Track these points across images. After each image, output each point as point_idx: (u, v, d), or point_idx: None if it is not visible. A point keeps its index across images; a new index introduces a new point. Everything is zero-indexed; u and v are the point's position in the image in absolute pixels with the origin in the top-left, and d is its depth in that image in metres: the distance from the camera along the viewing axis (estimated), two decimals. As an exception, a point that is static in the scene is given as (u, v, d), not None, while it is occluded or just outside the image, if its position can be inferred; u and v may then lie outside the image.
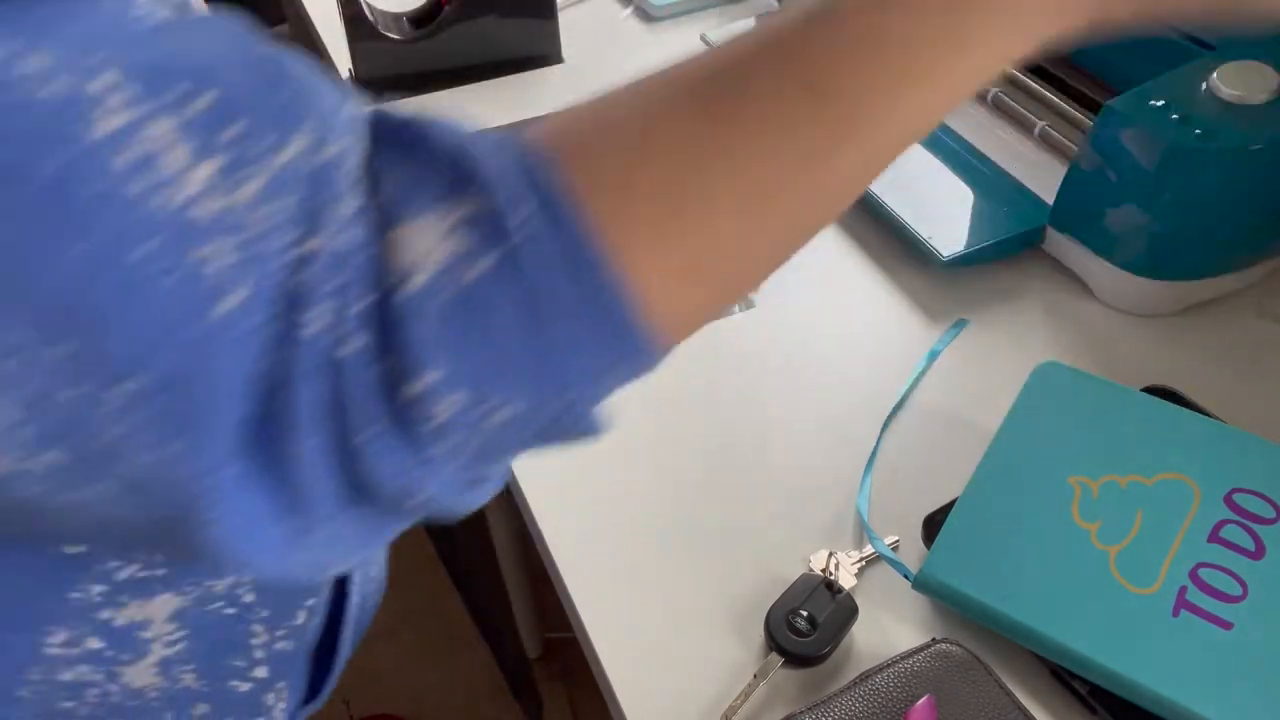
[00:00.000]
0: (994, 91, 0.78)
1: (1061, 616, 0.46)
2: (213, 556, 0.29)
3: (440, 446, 0.29)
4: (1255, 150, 0.57)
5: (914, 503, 0.54)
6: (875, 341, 0.65)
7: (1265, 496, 0.49)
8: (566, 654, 1.31)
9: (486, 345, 0.29)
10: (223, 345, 0.26)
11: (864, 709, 0.45)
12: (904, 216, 0.68)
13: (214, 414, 0.27)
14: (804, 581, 0.50)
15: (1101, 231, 0.63)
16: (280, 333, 0.27)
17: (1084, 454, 0.52)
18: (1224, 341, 0.63)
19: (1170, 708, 0.43)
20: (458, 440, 0.30)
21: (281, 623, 0.45)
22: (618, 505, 0.56)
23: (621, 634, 0.50)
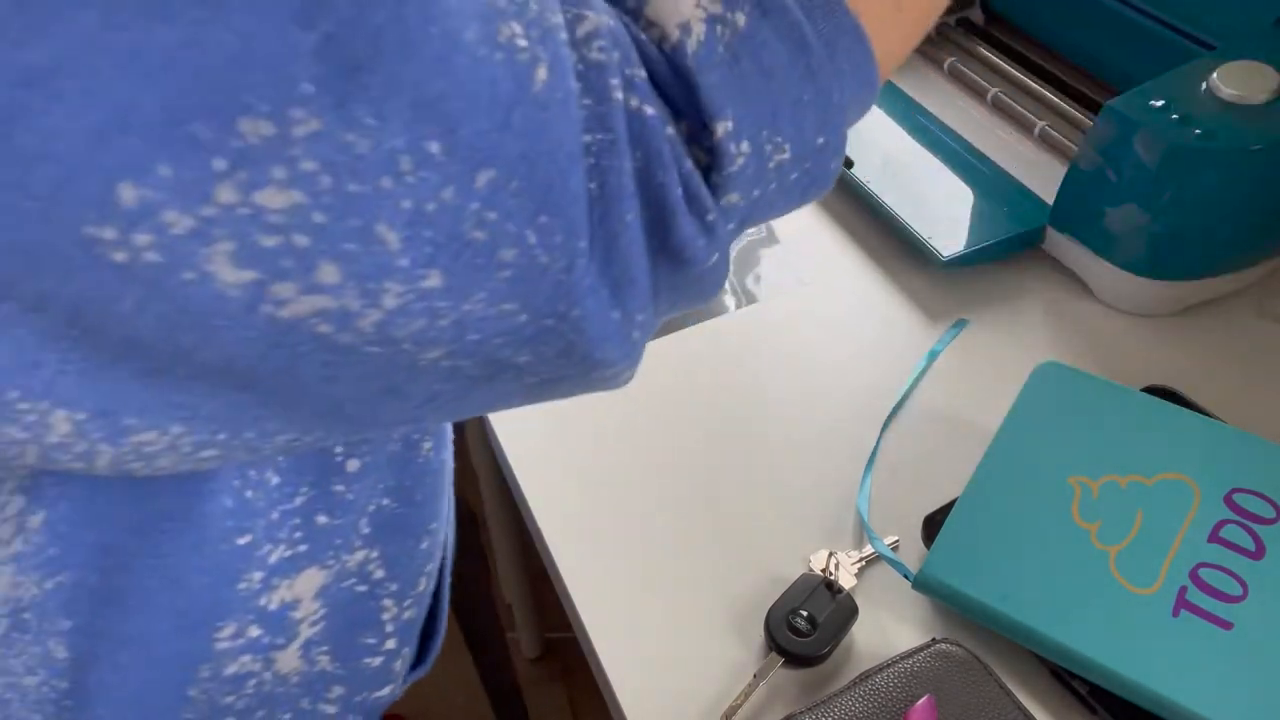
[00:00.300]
0: (994, 92, 0.78)
1: (1061, 616, 0.46)
2: (583, 353, 0.30)
3: (732, 197, 0.31)
4: (1255, 150, 0.57)
5: (914, 503, 0.54)
6: (875, 341, 0.65)
7: (1265, 496, 0.49)
8: (566, 654, 1.31)
9: (765, 88, 0.30)
10: (552, 116, 0.27)
11: (864, 709, 0.45)
12: (904, 216, 0.68)
13: (564, 189, 0.27)
14: (804, 581, 0.50)
15: (1101, 231, 0.63)
16: (590, 104, 0.28)
17: (1084, 454, 0.52)
18: (1224, 341, 0.63)
19: (1170, 708, 0.43)
20: (743, 193, 0.31)
21: (408, 593, 0.46)
22: (618, 505, 0.56)
23: (621, 634, 0.50)
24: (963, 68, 0.81)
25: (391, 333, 0.27)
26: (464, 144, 0.25)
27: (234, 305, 0.25)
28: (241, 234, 0.24)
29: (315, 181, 0.24)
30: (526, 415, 0.61)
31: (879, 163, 0.73)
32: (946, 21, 0.86)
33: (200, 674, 0.39)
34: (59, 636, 0.35)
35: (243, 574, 0.38)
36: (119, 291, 0.24)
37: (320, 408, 0.29)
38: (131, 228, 0.23)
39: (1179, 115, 0.58)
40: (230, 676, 0.41)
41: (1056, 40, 0.79)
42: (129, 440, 0.27)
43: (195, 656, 0.39)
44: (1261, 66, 0.59)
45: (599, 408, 0.61)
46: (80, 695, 0.37)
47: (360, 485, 0.41)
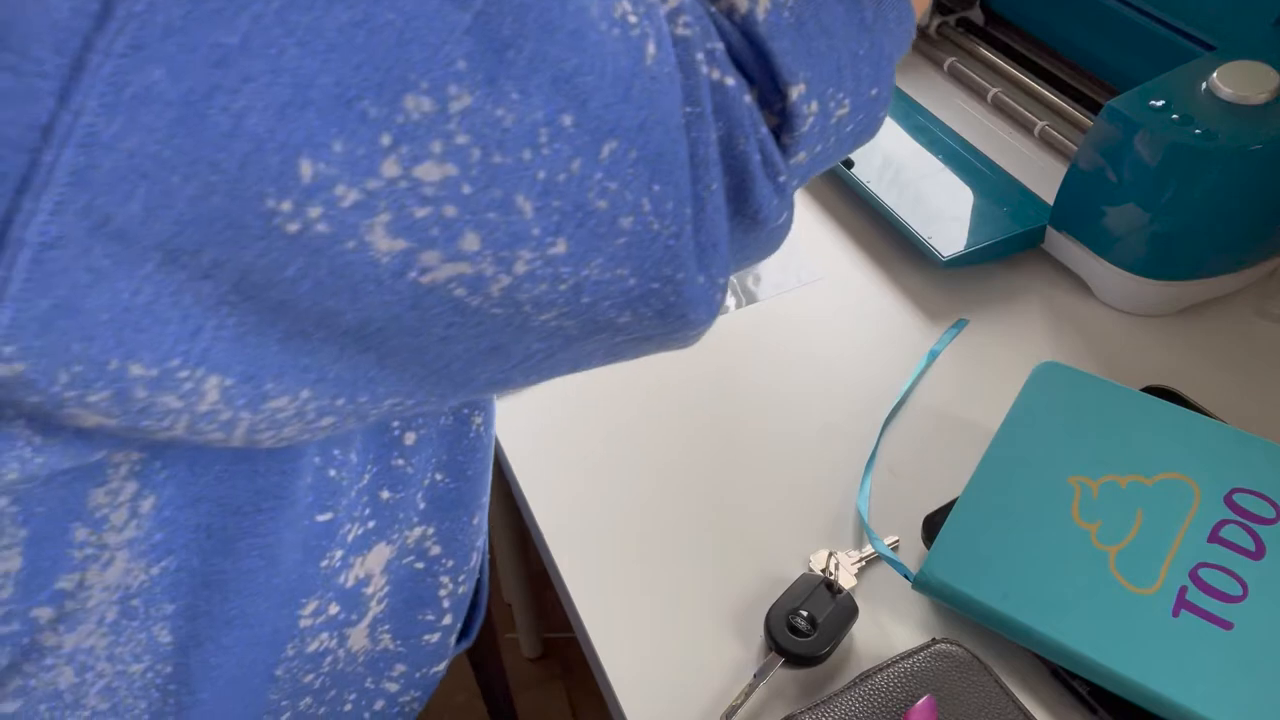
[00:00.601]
0: (994, 92, 0.78)
1: (1061, 616, 0.46)
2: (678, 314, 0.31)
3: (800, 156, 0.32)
4: (1255, 150, 0.57)
5: (914, 503, 0.54)
6: (875, 341, 0.65)
7: (1265, 496, 0.49)
8: (566, 654, 1.31)
9: (828, 46, 0.32)
10: (662, 89, 0.28)
11: (864, 709, 0.45)
12: (904, 216, 0.68)
13: (674, 158, 0.29)
14: (804, 581, 0.50)
15: (1101, 231, 0.63)
16: (685, 76, 0.29)
17: (1084, 454, 0.52)
18: (1224, 341, 0.63)
19: (1170, 708, 0.43)
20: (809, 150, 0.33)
21: (462, 568, 0.48)
22: (618, 505, 0.56)
23: (621, 634, 0.50)
24: (963, 68, 0.81)
25: (516, 296, 0.28)
26: (593, 116, 0.27)
27: (384, 272, 0.26)
28: (399, 205, 0.25)
29: (467, 154, 0.25)
30: (527, 415, 0.61)
31: (879, 163, 0.73)
32: (946, 21, 0.86)
33: (287, 652, 0.41)
34: (163, 621, 0.36)
35: (326, 551, 0.40)
36: (286, 260, 0.25)
37: (430, 369, 0.30)
38: (306, 200, 0.24)
39: (1179, 115, 0.58)
40: (311, 654, 0.42)
41: (1056, 40, 0.79)
42: (266, 406, 0.28)
43: (284, 635, 0.40)
44: (1261, 66, 0.59)
45: (599, 408, 0.61)
46: (183, 679, 0.37)
47: (418, 459, 0.43)
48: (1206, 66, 0.60)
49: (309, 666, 0.42)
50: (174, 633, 0.36)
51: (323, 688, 0.44)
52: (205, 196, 0.23)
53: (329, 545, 0.40)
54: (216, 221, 0.23)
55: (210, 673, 0.38)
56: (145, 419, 0.26)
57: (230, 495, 0.35)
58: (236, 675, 0.39)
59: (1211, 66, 0.60)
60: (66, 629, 0.33)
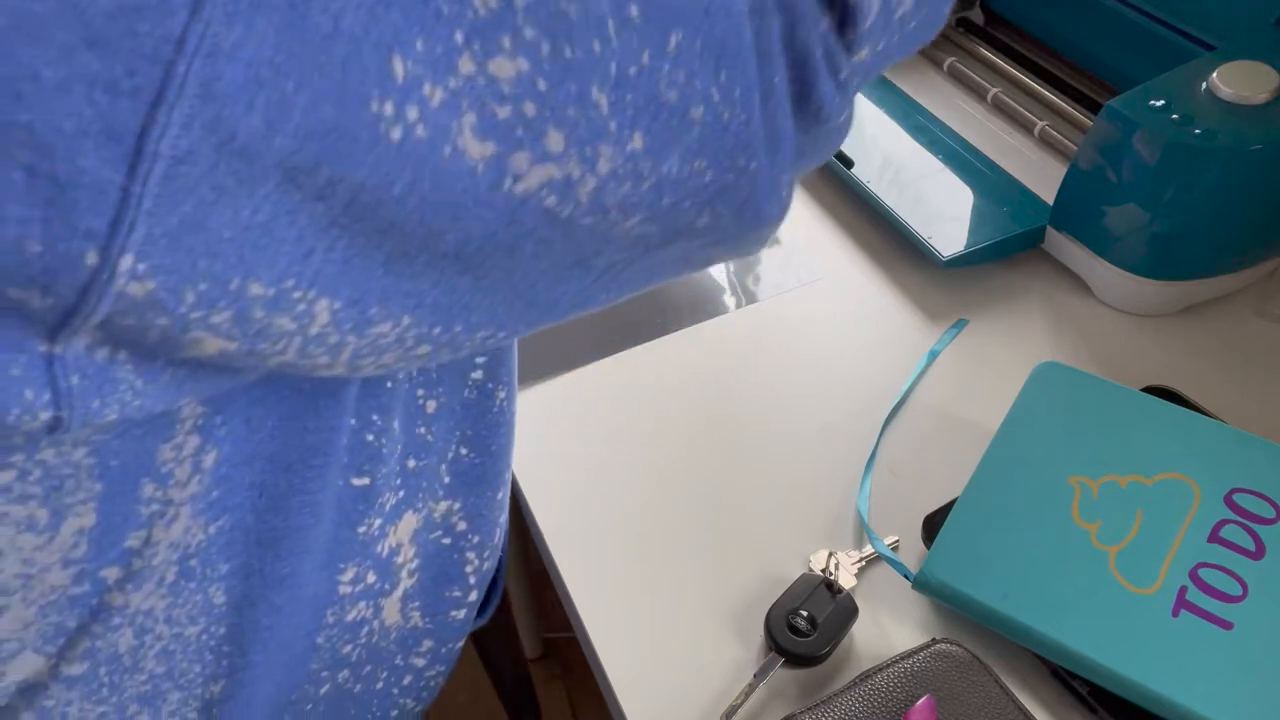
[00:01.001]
0: (994, 92, 0.78)
1: (1061, 616, 0.46)
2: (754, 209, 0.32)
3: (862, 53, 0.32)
4: (1255, 150, 0.57)
5: (914, 503, 0.54)
6: (875, 341, 0.65)
7: (1265, 496, 0.49)
8: (566, 654, 1.31)
9: None
10: None
11: (864, 709, 0.45)
12: (904, 216, 0.68)
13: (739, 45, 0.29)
14: (804, 581, 0.50)
15: (1101, 231, 0.63)
16: None
17: (1084, 454, 0.52)
18: (1224, 341, 0.63)
19: (1170, 708, 0.43)
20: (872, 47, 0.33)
21: (487, 544, 0.49)
22: (618, 505, 0.56)
23: (621, 634, 0.50)
24: (963, 68, 0.81)
25: (603, 199, 0.29)
26: (657, 5, 0.27)
27: (481, 184, 0.26)
28: (480, 104, 0.25)
29: (536, 49, 0.25)
30: (526, 416, 0.61)
31: (879, 163, 0.73)
32: (946, 21, 0.86)
33: (328, 619, 0.41)
34: (218, 582, 0.36)
35: (364, 517, 0.40)
36: (394, 174, 0.25)
37: (518, 291, 0.31)
38: (404, 100, 0.24)
39: (1179, 115, 0.58)
40: (350, 623, 0.42)
41: (1056, 40, 0.79)
42: (370, 332, 0.28)
43: (325, 600, 0.41)
44: (1261, 66, 0.59)
45: (599, 408, 0.61)
46: (236, 640, 0.38)
47: (438, 427, 0.43)
48: (1206, 66, 0.60)
49: (348, 637, 0.43)
50: (228, 593, 0.37)
51: (359, 661, 0.44)
52: (316, 106, 0.23)
53: (367, 511, 0.40)
54: (329, 134, 0.23)
55: (261, 634, 0.38)
56: (262, 341, 0.27)
57: (283, 452, 0.35)
58: (284, 639, 0.40)
59: (1211, 66, 0.60)
60: (133, 588, 0.33)
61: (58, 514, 0.31)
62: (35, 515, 0.30)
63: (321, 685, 0.43)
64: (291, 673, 0.41)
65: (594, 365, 0.64)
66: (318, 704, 0.44)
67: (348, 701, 0.46)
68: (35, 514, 0.30)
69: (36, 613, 0.32)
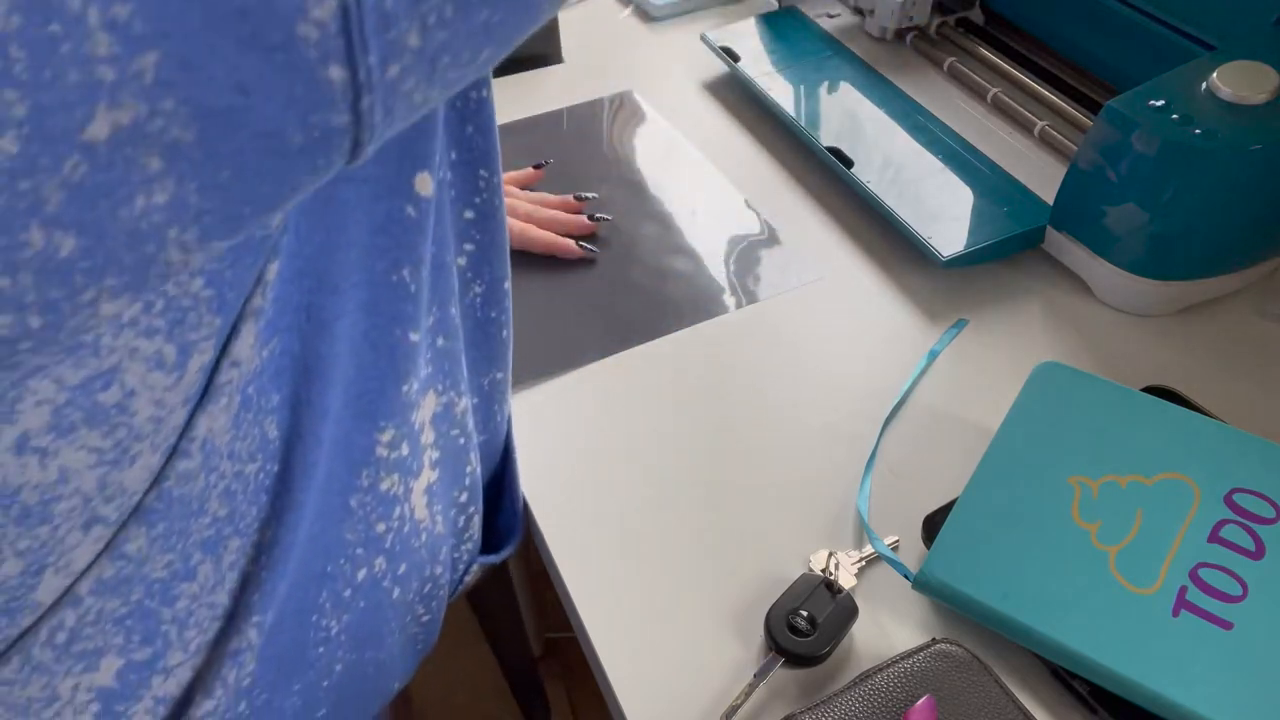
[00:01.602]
0: (994, 92, 0.78)
1: (1061, 616, 0.46)
2: None
3: None
4: (1255, 150, 0.57)
5: (914, 503, 0.54)
6: (875, 341, 0.65)
7: (1265, 496, 0.49)
8: (566, 654, 1.31)
9: None
10: None
11: (864, 709, 0.45)
12: (904, 216, 0.68)
13: None
14: (804, 581, 0.50)
15: (1101, 231, 0.63)
16: None
17: (1084, 454, 0.52)
18: (1224, 341, 0.63)
19: (1170, 708, 0.43)
20: None
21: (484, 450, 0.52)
22: (618, 505, 0.56)
23: (621, 634, 0.50)
24: (963, 68, 0.81)
25: None
26: None
27: None
28: None
29: None
30: (526, 416, 0.61)
31: (879, 163, 0.73)
32: (946, 21, 0.86)
33: (361, 481, 0.41)
34: (271, 414, 0.36)
35: (408, 375, 0.41)
36: None
37: None
38: None
39: (1179, 115, 0.58)
40: (383, 495, 0.43)
41: (1056, 40, 0.79)
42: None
43: (362, 457, 0.41)
44: (1261, 66, 0.59)
45: (599, 407, 0.61)
46: (287, 479, 0.38)
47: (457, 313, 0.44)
48: (1206, 66, 0.60)
49: (380, 512, 0.43)
50: (279, 426, 0.37)
51: (391, 551, 0.44)
52: None
53: (410, 370, 0.41)
54: None
55: (310, 471, 0.38)
56: None
57: (329, 271, 0.35)
58: (324, 482, 0.40)
59: (1211, 66, 0.60)
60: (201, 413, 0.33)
61: (184, 351, 0.30)
62: (163, 351, 0.30)
63: (358, 566, 0.43)
64: (327, 532, 0.41)
65: (594, 365, 0.64)
66: (357, 593, 0.44)
67: (384, 606, 0.46)
68: (163, 350, 0.30)
69: (159, 460, 0.32)
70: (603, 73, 0.91)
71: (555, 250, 0.71)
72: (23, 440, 0.28)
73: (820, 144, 0.75)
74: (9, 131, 0.20)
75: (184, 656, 0.37)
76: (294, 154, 0.24)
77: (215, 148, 0.23)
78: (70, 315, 0.24)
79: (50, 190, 0.22)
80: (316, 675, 0.44)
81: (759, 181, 0.78)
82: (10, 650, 0.32)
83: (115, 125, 0.22)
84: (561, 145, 0.83)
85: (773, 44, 0.87)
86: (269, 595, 0.39)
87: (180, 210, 0.24)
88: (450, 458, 0.47)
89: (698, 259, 0.71)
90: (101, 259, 0.23)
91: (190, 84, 0.22)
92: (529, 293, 0.69)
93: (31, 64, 0.20)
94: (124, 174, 0.22)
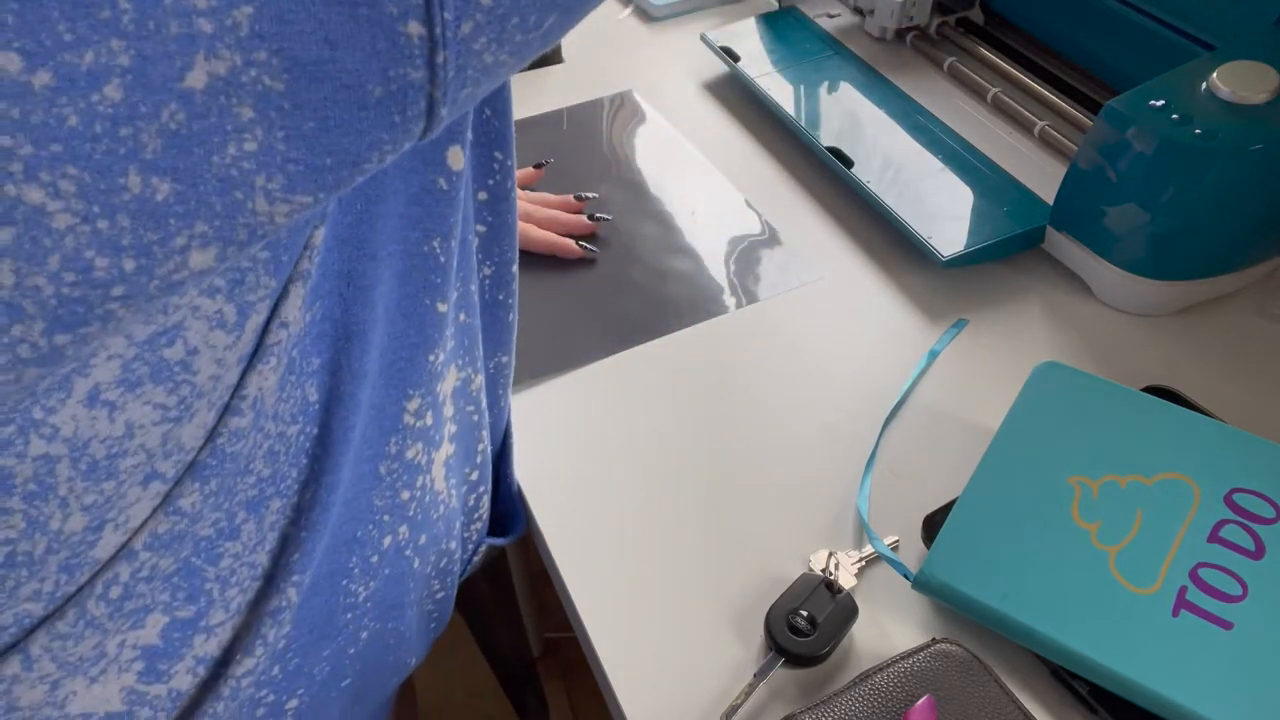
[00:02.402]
0: (994, 92, 0.78)
1: (1061, 616, 0.46)
2: None
3: None
4: (1255, 150, 0.57)
5: (914, 503, 0.54)
6: (875, 341, 0.65)
7: (1265, 496, 0.49)
8: (566, 654, 1.31)
9: None
10: None
11: (864, 709, 0.45)
12: (904, 216, 0.68)
13: None
14: (804, 581, 0.50)
15: (1101, 231, 0.63)
16: None
17: (1084, 454, 0.52)
18: (1224, 341, 0.63)
19: (1170, 708, 0.43)
20: None
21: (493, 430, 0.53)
22: (618, 505, 0.56)
23: (621, 634, 0.50)
24: (963, 68, 0.81)
25: None
26: None
27: None
28: None
29: None
30: (526, 416, 0.61)
31: (879, 163, 0.73)
32: (946, 21, 0.86)
33: (390, 449, 0.42)
34: (312, 377, 0.37)
35: (436, 345, 0.42)
36: None
37: None
38: None
39: (1179, 115, 0.58)
40: (409, 464, 0.43)
41: (1056, 40, 0.79)
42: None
43: (391, 424, 0.42)
44: (1261, 66, 0.59)
45: (599, 407, 0.61)
46: (326, 442, 0.39)
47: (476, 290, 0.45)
48: (1206, 66, 0.60)
49: (406, 480, 0.44)
50: (319, 389, 0.37)
51: (414, 519, 0.45)
52: None
53: (438, 340, 0.42)
54: None
55: (347, 434, 0.39)
56: None
57: (369, 239, 0.36)
58: (359, 447, 0.40)
59: (1211, 66, 0.60)
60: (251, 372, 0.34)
61: (243, 311, 0.31)
62: (224, 311, 0.31)
63: (384, 534, 0.44)
64: (361, 495, 0.42)
65: (594, 365, 0.64)
66: (383, 560, 0.45)
67: (405, 576, 0.47)
68: (224, 310, 0.30)
69: (214, 417, 0.33)
70: (603, 73, 0.91)
71: (555, 250, 0.71)
72: (94, 393, 0.28)
73: (820, 144, 0.75)
74: (113, 79, 0.22)
75: (225, 616, 0.38)
76: (373, 105, 0.26)
77: (303, 98, 0.24)
78: (163, 261, 0.25)
79: (149, 137, 0.23)
80: (344, 642, 0.45)
81: (759, 181, 0.78)
82: (67, 605, 0.32)
83: (212, 75, 0.23)
84: (561, 145, 0.83)
85: (773, 44, 0.87)
86: (308, 555, 0.40)
87: (268, 158, 0.25)
88: (466, 433, 0.48)
89: (698, 259, 0.71)
90: (194, 203, 0.24)
91: (282, 36, 0.23)
92: (529, 292, 0.69)
93: (136, 15, 0.21)
94: (218, 122, 0.24)
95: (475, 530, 0.54)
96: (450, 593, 0.53)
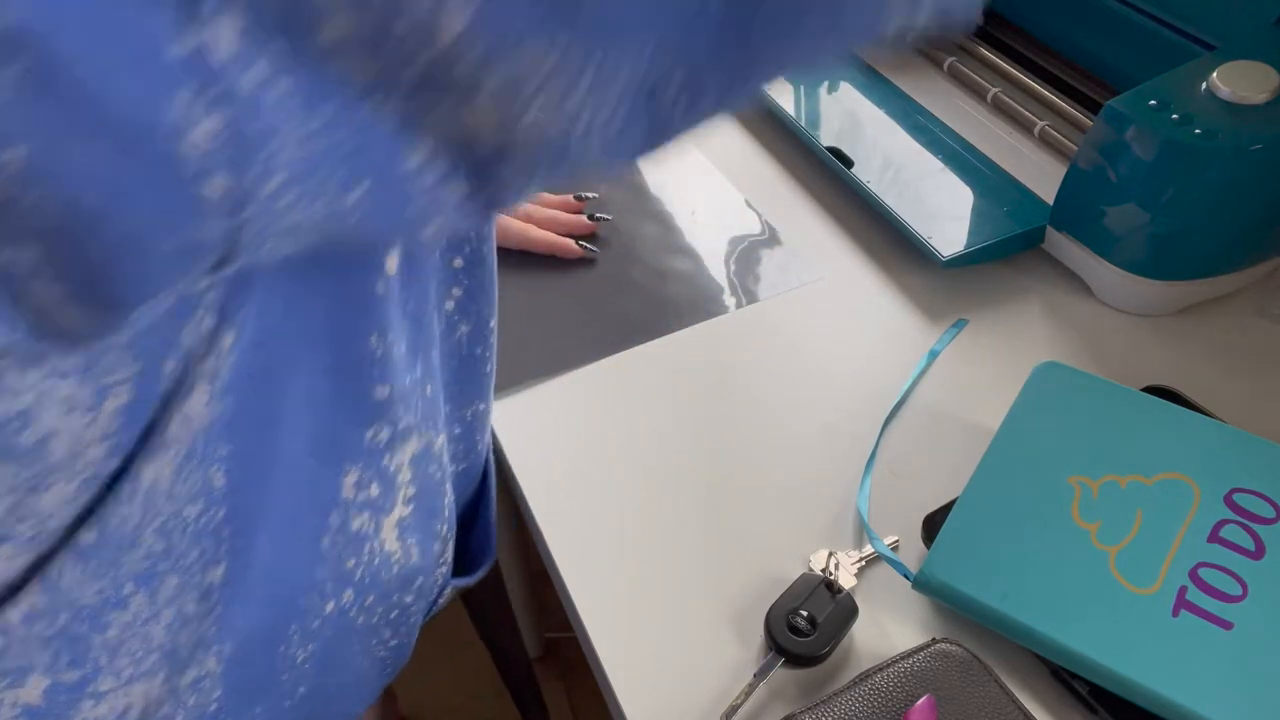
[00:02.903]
0: (994, 92, 0.78)
1: (1061, 616, 0.46)
2: None
3: None
4: (1255, 150, 0.57)
5: (914, 503, 0.54)
6: (875, 341, 0.65)
7: (1265, 496, 0.49)
8: (566, 654, 1.31)
9: None
10: None
11: (864, 709, 0.45)
12: (904, 216, 0.68)
13: None
14: (804, 581, 0.50)
15: (1101, 231, 0.63)
16: None
17: (1084, 454, 0.52)
18: (1224, 341, 0.63)
19: (1170, 708, 0.43)
20: None
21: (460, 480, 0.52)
22: (618, 505, 0.56)
23: (621, 634, 0.50)
24: (963, 68, 0.81)
25: None
26: None
27: None
28: None
29: None
30: (526, 416, 0.61)
31: (879, 163, 0.73)
32: (946, 21, 0.86)
33: (331, 521, 0.41)
34: (218, 462, 0.36)
35: (373, 423, 0.41)
36: None
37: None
38: None
39: (1179, 115, 0.58)
40: (353, 534, 0.43)
41: (1056, 40, 0.79)
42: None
43: (328, 499, 0.41)
44: (1261, 66, 0.59)
45: (599, 407, 0.61)
46: (238, 522, 0.38)
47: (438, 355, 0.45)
48: (1206, 66, 0.60)
49: (351, 551, 0.43)
50: (227, 475, 0.37)
51: (361, 581, 0.45)
52: None
53: (380, 419, 0.41)
54: None
55: (266, 515, 0.38)
56: None
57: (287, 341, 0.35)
58: (286, 527, 0.40)
59: (1211, 66, 0.60)
60: (144, 460, 0.33)
61: (99, 393, 0.30)
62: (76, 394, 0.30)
63: (326, 600, 0.43)
64: (296, 571, 0.41)
65: (594, 365, 0.64)
66: (325, 624, 0.44)
67: (349, 633, 0.46)
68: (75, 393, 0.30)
69: (76, 488, 0.32)
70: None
71: (555, 250, 0.71)
72: None
73: (820, 144, 0.75)
74: None
75: (115, 683, 0.37)
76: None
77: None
78: None
79: None
80: (279, 697, 0.44)
81: (759, 181, 0.78)
82: None
83: None
84: (561, 145, 0.82)
85: (773, 44, 0.87)
86: (227, 629, 0.39)
87: None
88: (427, 493, 0.47)
89: (698, 259, 0.71)
90: None
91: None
92: (529, 293, 0.69)
93: None
94: None
95: (440, 575, 0.53)
96: (407, 640, 0.52)
